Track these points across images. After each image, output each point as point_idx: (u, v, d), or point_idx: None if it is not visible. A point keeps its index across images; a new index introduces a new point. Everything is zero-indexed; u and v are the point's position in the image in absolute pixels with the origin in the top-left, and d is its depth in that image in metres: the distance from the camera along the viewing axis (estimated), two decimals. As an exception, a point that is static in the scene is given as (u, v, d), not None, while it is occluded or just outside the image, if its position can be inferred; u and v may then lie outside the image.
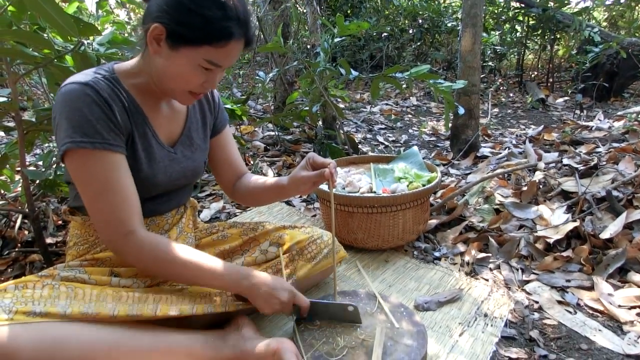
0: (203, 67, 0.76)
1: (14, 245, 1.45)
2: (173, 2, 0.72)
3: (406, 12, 5.39)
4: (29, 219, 1.23)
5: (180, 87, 0.79)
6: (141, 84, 0.83)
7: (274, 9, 2.84)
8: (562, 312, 1.09)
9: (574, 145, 2.19)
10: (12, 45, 1.06)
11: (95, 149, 0.73)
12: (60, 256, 1.36)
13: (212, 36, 0.73)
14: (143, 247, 0.76)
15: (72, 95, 0.72)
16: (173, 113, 0.91)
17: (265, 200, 1.09)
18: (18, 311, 0.66)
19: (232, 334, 0.88)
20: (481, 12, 2.25)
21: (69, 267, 0.83)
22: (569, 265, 1.26)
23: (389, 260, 1.36)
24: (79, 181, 0.76)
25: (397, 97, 4.51)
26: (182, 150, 0.91)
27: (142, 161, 0.82)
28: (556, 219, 1.43)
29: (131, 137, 0.81)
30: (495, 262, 1.33)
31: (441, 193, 1.76)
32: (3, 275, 1.30)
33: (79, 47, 1.04)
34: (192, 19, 0.72)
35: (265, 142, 2.72)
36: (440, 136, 3.09)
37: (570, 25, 4.04)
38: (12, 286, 0.71)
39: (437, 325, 1.04)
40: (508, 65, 5.81)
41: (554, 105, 4.03)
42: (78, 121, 0.72)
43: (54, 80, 1.22)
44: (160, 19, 0.72)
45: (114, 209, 0.75)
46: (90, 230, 0.88)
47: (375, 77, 1.94)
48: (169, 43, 0.74)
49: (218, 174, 1.07)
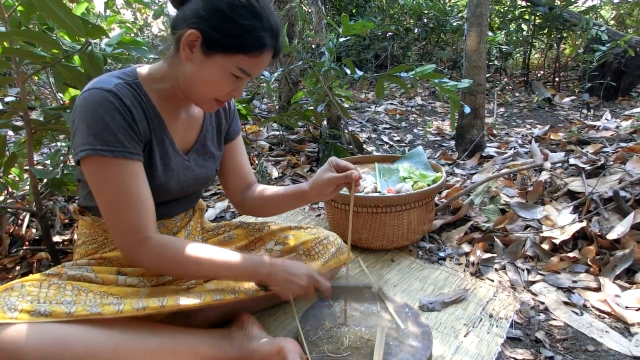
0: (234, 75, 0.77)
1: (21, 244, 1.46)
2: (211, 9, 0.72)
3: (411, 11, 5.37)
4: (37, 217, 1.25)
5: (208, 93, 0.80)
6: (164, 90, 0.82)
7: (279, 8, 2.85)
8: (569, 313, 1.08)
9: (581, 145, 2.17)
10: (21, 45, 1.07)
11: (115, 157, 0.73)
12: (67, 254, 1.37)
13: (247, 45, 0.74)
14: (157, 252, 0.77)
15: (95, 101, 0.72)
16: (190, 120, 0.91)
17: (279, 210, 1.06)
18: (23, 310, 0.67)
19: (236, 333, 0.88)
20: (487, 11, 2.24)
21: (77, 265, 0.84)
22: (575, 266, 1.25)
23: (393, 260, 1.36)
24: (95, 187, 0.76)
25: (402, 96, 4.50)
26: (195, 158, 0.91)
27: (157, 168, 0.83)
28: (562, 220, 1.42)
29: (149, 143, 0.81)
30: (500, 263, 1.32)
31: (446, 193, 1.76)
32: (11, 273, 1.32)
33: (86, 47, 1.05)
34: (230, 27, 0.73)
35: (270, 141, 2.73)
36: (445, 136, 3.08)
37: (577, 24, 4.01)
38: (18, 285, 0.72)
39: (442, 326, 1.03)
40: (514, 65, 5.77)
41: (560, 105, 4.00)
42: (99, 128, 0.72)
43: (61, 79, 1.23)
44: (196, 25, 0.73)
45: (131, 217, 0.75)
46: (99, 230, 0.89)
47: (380, 76, 1.93)
48: (203, 49, 0.74)
49: (226, 182, 1.05)
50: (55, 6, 0.91)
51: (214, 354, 0.82)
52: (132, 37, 1.24)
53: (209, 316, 0.95)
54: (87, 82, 1.09)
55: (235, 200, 1.05)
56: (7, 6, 1.06)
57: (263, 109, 3.69)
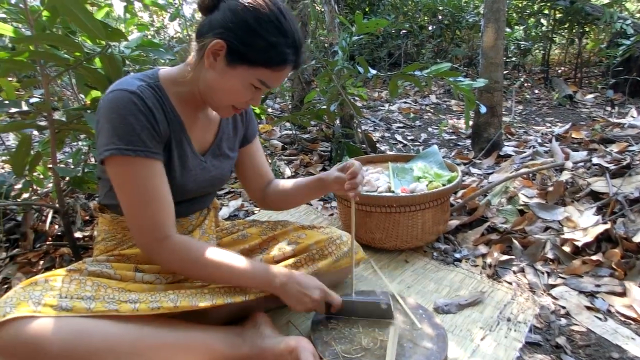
0: (253, 86, 0.80)
1: (45, 239, 1.51)
2: (239, 22, 0.74)
3: (425, 8, 5.29)
4: (59, 214, 1.29)
5: (227, 101, 0.82)
6: (184, 93, 0.85)
7: (292, 8, 2.85)
8: (592, 318, 1.05)
9: (605, 143, 2.10)
10: (45, 48, 1.10)
11: (138, 156, 0.75)
12: (87, 250, 1.41)
13: (270, 60, 0.77)
14: (176, 251, 0.79)
15: (119, 102, 0.75)
16: (208, 122, 0.93)
17: (300, 200, 1.10)
18: (46, 304, 0.69)
19: (250, 331, 0.89)
20: (504, 6, 2.19)
21: (97, 261, 0.86)
22: (599, 270, 1.21)
23: (407, 261, 1.35)
24: (118, 186, 0.78)
25: (416, 94, 4.45)
26: (211, 159, 0.94)
27: (175, 168, 0.85)
28: (585, 221, 1.37)
29: (168, 144, 0.83)
30: (519, 265, 1.29)
31: (462, 193, 1.73)
32: (35, 267, 1.36)
33: (106, 49, 1.08)
34: (256, 41, 0.75)
35: (283, 140, 2.74)
36: (460, 134, 3.03)
37: (601, 18, 3.87)
38: (42, 279, 0.74)
39: (458, 329, 1.02)
40: (533, 61, 5.62)
41: (582, 102, 3.87)
42: (123, 129, 0.74)
43: (83, 81, 1.27)
44: (223, 36, 0.75)
45: (152, 216, 0.77)
46: (118, 227, 0.91)
47: (393, 75, 1.91)
48: (227, 59, 0.76)
49: (247, 183, 1.09)
50: (78, 11, 0.94)
51: (227, 351, 0.83)
52: (149, 38, 1.26)
53: (222, 313, 0.96)
54: (107, 83, 1.12)
55: (257, 198, 1.10)
56: (33, 11, 1.10)
57: (276, 108, 3.71)
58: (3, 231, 1.48)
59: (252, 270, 0.84)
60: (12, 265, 1.37)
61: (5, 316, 0.66)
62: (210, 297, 0.83)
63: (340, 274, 1.12)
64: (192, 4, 4.19)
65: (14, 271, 1.33)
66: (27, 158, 1.22)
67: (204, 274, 0.83)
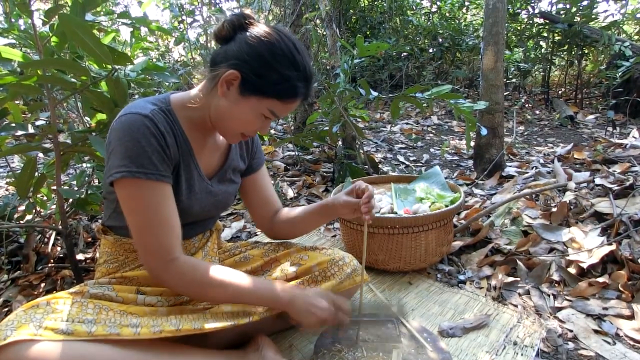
0: (264, 116, 0.82)
1: (47, 261, 1.51)
2: (254, 54, 0.77)
3: (425, 31, 5.42)
4: (62, 235, 1.29)
5: (237, 129, 0.84)
6: (195, 118, 0.86)
7: (295, 32, 2.93)
8: (600, 342, 1.02)
9: (607, 164, 2.10)
10: (53, 72, 1.13)
11: (149, 179, 0.76)
12: (89, 272, 1.41)
13: (282, 92, 0.79)
14: (183, 273, 0.79)
15: (132, 125, 0.76)
16: (216, 147, 0.95)
17: (308, 228, 1.09)
18: (47, 327, 0.68)
19: (252, 354, 0.88)
20: (503, 29, 2.24)
21: (99, 284, 0.86)
22: (605, 292, 1.19)
23: (411, 283, 1.32)
24: (128, 208, 0.79)
25: (417, 115, 4.49)
26: (217, 184, 0.95)
27: (182, 191, 0.86)
28: (590, 242, 1.36)
29: (177, 167, 0.84)
30: (524, 287, 1.27)
31: (465, 214, 1.72)
32: (36, 290, 1.35)
33: (112, 73, 1.11)
34: (269, 74, 0.77)
35: (286, 162, 2.76)
36: (463, 155, 3.04)
37: (599, 40, 3.94)
38: (44, 302, 0.74)
39: (463, 353, 0.99)
40: (533, 82, 5.70)
41: (583, 123, 3.90)
42: (135, 151, 0.75)
43: (88, 104, 1.30)
44: (237, 67, 0.77)
45: (160, 238, 0.78)
46: (120, 249, 0.91)
47: (395, 97, 1.94)
48: (240, 89, 0.79)
49: (255, 211, 1.09)
50: (86, 36, 0.97)
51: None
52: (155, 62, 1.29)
53: (224, 337, 0.94)
54: (112, 106, 1.15)
55: (264, 228, 1.09)
56: (42, 37, 1.14)
57: (279, 130, 3.75)
58: (5, 253, 1.48)
59: (259, 288, 0.83)
60: (13, 287, 1.36)
61: (6, 339, 0.65)
62: (213, 320, 0.82)
63: (344, 296, 1.10)
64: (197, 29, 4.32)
65: (15, 294, 1.32)
66: (32, 180, 1.24)
67: (211, 295, 0.82)
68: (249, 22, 0.81)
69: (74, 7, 1.09)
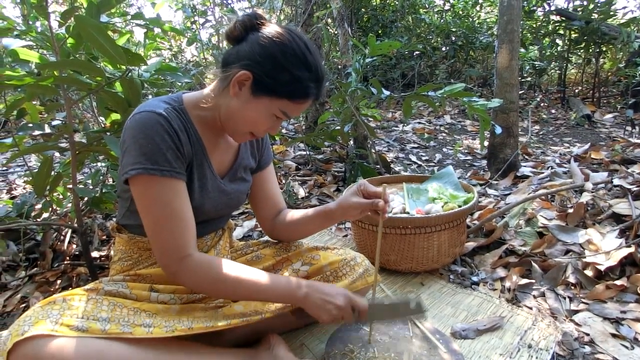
0: (275, 116, 0.82)
1: (63, 258, 1.54)
2: (266, 55, 0.77)
3: (438, 29, 5.36)
4: (78, 233, 1.31)
5: (247, 128, 0.85)
6: (206, 117, 0.87)
7: (306, 31, 2.93)
8: (618, 346, 0.99)
9: (626, 164, 2.04)
10: (69, 73, 1.15)
11: (164, 176, 0.77)
12: (103, 269, 1.43)
13: (294, 93, 0.79)
14: (198, 270, 0.79)
15: (147, 123, 0.77)
16: (227, 147, 0.95)
17: (309, 231, 1.08)
18: (63, 324, 0.70)
19: (263, 353, 0.88)
20: (518, 27, 2.20)
21: (113, 281, 0.87)
22: (623, 295, 1.16)
23: (423, 283, 1.31)
24: (142, 206, 0.79)
25: (430, 115, 4.45)
26: (229, 182, 0.95)
27: (195, 190, 0.86)
28: (607, 244, 1.32)
29: (190, 166, 0.85)
30: (539, 289, 1.24)
31: (479, 214, 1.69)
32: (52, 286, 1.38)
33: (127, 74, 1.12)
34: (281, 75, 0.77)
35: (297, 161, 2.76)
36: (476, 155, 3.00)
37: (618, 37, 3.84)
38: (60, 299, 0.75)
39: (476, 355, 0.98)
40: (549, 81, 5.59)
41: (601, 122, 3.80)
42: (150, 149, 0.76)
43: (103, 104, 1.32)
44: (249, 67, 0.78)
45: (175, 235, 0.78)
46: (134, 247, 0.93)
47: (407, 95, 1.92)
48: (252, 90, 0.79)
49: (258, 209, 1.09)
50: (101, 38, 0.99)
51: (240, 374, 0.81)
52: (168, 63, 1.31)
53: (236, 335, 0.94)
54: (126, 106, 1.16)
55: (266, 228, 1.09)
56: (59, 39, 1.16)
57: (290, 129, 3.76)
58: (23, 250, 1.52)
59: (274, 284, 0.83)
60: (30, 284, 1.39)
61: (24, 334, 0.66)
62: (225, 318, 0.82)
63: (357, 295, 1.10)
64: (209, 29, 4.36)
65: (32, 290, 1.35)
66: (48, 179, 1.26)
67: (226, 291, 0.82)
68: (261, 22, 0.81)
69: (89, 9, 1.11)
